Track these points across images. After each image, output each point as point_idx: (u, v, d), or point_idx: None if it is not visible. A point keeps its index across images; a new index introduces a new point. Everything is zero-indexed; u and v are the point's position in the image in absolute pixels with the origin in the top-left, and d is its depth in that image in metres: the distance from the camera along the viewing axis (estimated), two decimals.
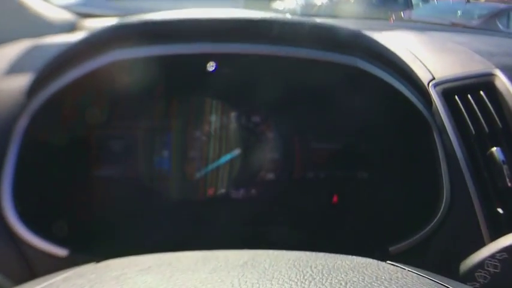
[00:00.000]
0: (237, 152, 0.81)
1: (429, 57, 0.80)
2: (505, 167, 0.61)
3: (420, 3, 5.58)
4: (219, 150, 0.81)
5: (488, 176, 0.63)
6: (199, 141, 0.81)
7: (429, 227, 0.60)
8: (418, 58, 0.79)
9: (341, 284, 0.27)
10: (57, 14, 1.15)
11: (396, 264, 0.36)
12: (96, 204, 0.75)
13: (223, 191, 0.81)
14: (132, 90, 0.71)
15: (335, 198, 0.80)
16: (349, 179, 0.82)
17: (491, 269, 0.40)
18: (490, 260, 0.40)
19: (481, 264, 0.41)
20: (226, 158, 0.80)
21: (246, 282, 0.28)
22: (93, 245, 0.61)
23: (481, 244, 0.60)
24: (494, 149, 0.63)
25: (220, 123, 0.82)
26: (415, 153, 0.71)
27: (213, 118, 0.82)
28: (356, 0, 4.46)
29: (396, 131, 0.75)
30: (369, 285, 0.27)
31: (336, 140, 0.83)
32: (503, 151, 0.62)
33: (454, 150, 0.64)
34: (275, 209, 0.80)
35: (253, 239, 0.70)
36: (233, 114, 0.82)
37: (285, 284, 0.27)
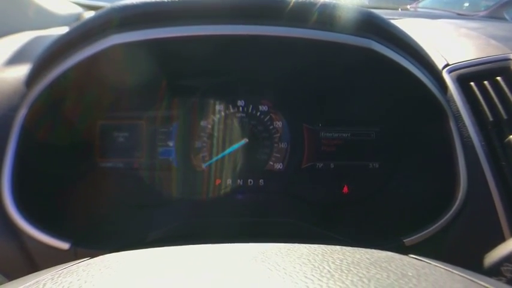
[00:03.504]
0: (244, 141, 0.79)
1: (443, 42, 0.77)
2: None
3: None
4: (226, 140, 0.79)
5: (507, 164, 0.60)
6: (206, 131, 0.79)
7: (445, 217, 0.58)
8: (431, 43, 0.76)
9: (363, 281, 0.24)
10: (62, 6, 1.14)
11: (419, 257, 0.34)
12: (99, 196, 0.73)
13: (230, 181, 0.79)
14: (133, 78, 0.69)
15: (345, 189, 0.78)
16: (360, 168, 0.80)
17: (508, 275, 0.37)
18: (507, 266, 0.38)
19: (507, 258, 0.38)
20: (233, 148, 0.78)
21: (256, 280, 0.25)
22: (95, 238, 0.60)
23: (500, 235, 0.58)
24: None
25: (226, 112, 0.80)
26: (430, 141, 0.68)
27: (220, 107, 0.80)
28: None
29: (410, 118, 0.73)
30: (396, 282, 0.24)
31: (347, 128, 0.80)
32: None
33: (470, 138, 0.61)
34: (283, 199, 0.78)
35: (260, 230, 0.68)
36: (240, 103, 0.80)
37: (300, 282, 0.24)
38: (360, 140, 0.80)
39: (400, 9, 2.04)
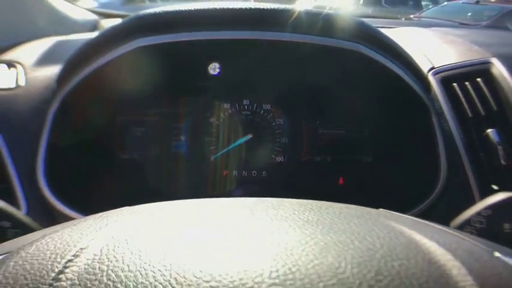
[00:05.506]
0: (248, 136, 0.86)
1: (430, 48, 0.85)
2: (499, 147, 0.65)
3: (430, 5, 5.57)
4: (233, 135, 0.87)
5: (484, 156, 0.67)
6: (214, 127, 0.87)
7: (426, 202, 0.65)
8: (420, 49, 0.83)
9: (335, 213, 0.29)
10: (81, 14, 1.23)
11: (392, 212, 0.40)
12: (120, 185, 0.80)
13: (236, 172, 0.86)
14: (151, 79, 0.77)
15: (341, 180, 0.85)
16: (355, 162, 0.87)
17: (477, 225, 0.44)
18: (476, 217, 0.44)
19: (468, 221, 0.45)
20: (239, 142, 0.86)
21: (253, 216, 0.29)
22: None
23: None
24: (489, 130, 0.67)
25: (233, 110, 0.88)
26: (415, 136, 0.75)
27: (227, 105, 0.88)
28: (365, 2, 4.52)
29: (398, 115, 0.80)
30: (367, 215, 0.29)
31: (341, 126, 0.88)
32: (498, 132, 0.66)
33: (451, 132, 0.68)
34: (284, 189, 0.85)
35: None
36: (245, 102, 0.88)
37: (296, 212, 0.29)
38: (354, 136, 0.88)
39: (403, 18, 2.10)
